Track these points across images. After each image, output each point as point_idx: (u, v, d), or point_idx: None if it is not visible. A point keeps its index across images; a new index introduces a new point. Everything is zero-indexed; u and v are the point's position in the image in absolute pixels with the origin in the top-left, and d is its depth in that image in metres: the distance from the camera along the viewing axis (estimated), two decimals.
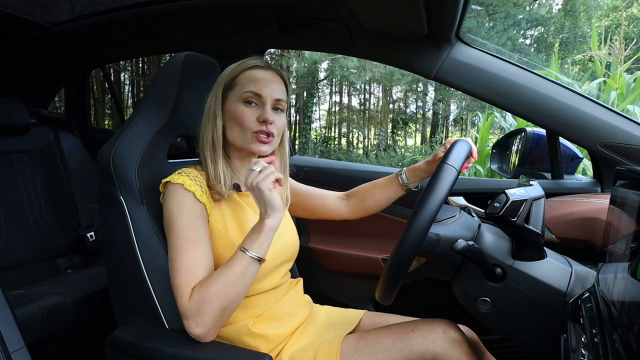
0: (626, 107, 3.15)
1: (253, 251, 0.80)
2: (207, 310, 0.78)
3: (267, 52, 2.25)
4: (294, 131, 13.05)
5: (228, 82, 0.93)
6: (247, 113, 0.90)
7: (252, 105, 0.91)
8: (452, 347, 0.87)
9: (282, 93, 0.94)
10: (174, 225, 0.85)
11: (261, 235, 0.81)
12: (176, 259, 0.82)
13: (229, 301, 0.79)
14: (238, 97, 0.91)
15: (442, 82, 1.30)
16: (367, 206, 1.14)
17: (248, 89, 0.90)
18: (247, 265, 0.80)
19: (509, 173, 1.54)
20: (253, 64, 0.92)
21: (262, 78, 0.91)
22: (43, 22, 1.71)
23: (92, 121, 3.37)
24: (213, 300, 0.78)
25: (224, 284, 0.78)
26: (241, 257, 0.80)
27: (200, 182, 0.89)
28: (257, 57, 0.96)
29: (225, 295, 0.78)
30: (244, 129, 0.90)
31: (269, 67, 0.94)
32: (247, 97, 0.90)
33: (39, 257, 1.70)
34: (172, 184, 0.87)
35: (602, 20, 11.43)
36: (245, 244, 0.82)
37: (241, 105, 0.90)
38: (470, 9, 1.33)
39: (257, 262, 0.81)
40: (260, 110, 0.91)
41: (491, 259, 0.85)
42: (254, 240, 0.81)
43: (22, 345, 0.77)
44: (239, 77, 0.92)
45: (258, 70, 0.92)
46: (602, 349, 0.56)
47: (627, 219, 0.60)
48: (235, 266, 0.80)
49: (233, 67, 0.94)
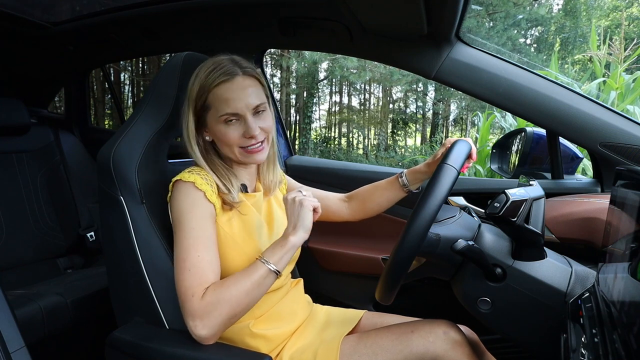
0: (626, 107, 3.16)
1: (273, 264, 0.81)
2: (217, 314, 0.77)
3: (267, 52, 2.25)
4: (294, 131, 13.05)
5: (200, 104, 0.88)
6: (231, 133, 0.87)
7: (233, 122, 0.87)
8: (453, 348, 0.87)
9: (258, 95, 0.89)
10: (183, 224, 0.84)
11: (283, 250, 0.82)
12: (186, 258, 0.81)
13: (240, 309, 0.79)
14: (216, 119, 0.87)
15: (442, 82, 1.30)
16: (368, 208, 1.14)
17: (223, 112, 0.85)
18: (264, 277, 0.81)
19: (509, 173, 1.54)
20: (218, 82, 0.85)
21: (232, 94, 0.85)
22: (43, 22, 1.71)
23: (92, 121, 3.37)
24: (224, 306, 0.77)
25: (240, 290, 0.78)
26: (260, 267, 0.81)
27: (210, 182, 0.88)
28: (223, 58, 0.89)
29: (239, 302, 0.78)
30: (233, 147, 0.89)
31: (234, 73, 0.86)
32: (225, 119, 0.86)
33: (39, 257, 1.70)
34: (183, 182, 0.86)
35: (602, 20, 11.44)
36: (266, 255, 0.82)
37: (223, 127, 0.87)
38: (470, 9, 1.33)
39: (273, 275, 0.82)
40: (243, 125, 0.87)
41: (491, 259, 0.85)
42: (275, 254, 0.82)
43: (22, 345, 0.77)
44: (209, 98, 0.87)
45: (224, 85, 0.85)
46: (602, 349, 0.56)
47: (627, 219, 0.60)
48: (253, 275, 0.80)
49: (198, 86, 0.87)
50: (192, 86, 0.88)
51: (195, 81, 0.88)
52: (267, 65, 11.49)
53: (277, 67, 11.63)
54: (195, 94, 0.88)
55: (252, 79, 0.89)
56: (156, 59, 9.26)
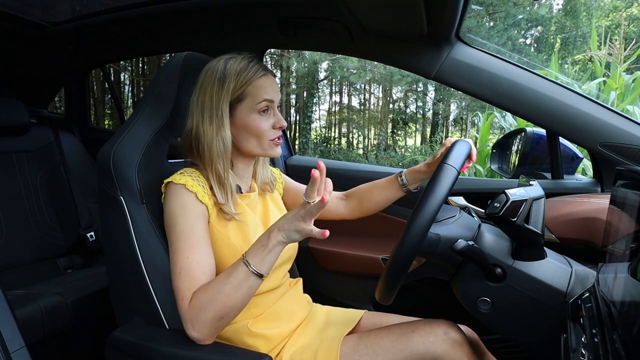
0: (625, 107, 3.16)
1: (254, 265, 0.77)
2: (203, 317, 0.77)
3: (267, 52, 2.25)
4: (294, 131, 13.05)
5: (236, 95, 0.89)
6: (264, 123, 0.90)
7: (267, 113, 0.91)
8: (453, 348, 0.87)
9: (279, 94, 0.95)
10: (174, 226, 0.84)
11: (266, 250, 0.77)
12: (177, 261, 0.82)
13: (225, 311, 0.77)
14: (251, 108, 0.89)
15: (442, 82, 1.30)
16: (366, 206, 1.14)
17: (262, 99, 0.89)
18: (244, 279, 0.77)
19: (509, 173, 1.54)
20: (260, 74, 0.90)
21: (269, 86, 0.91)
22: (43, 22, 1.71)
23: (92, 121, 3.37)
24: (207, 309, 0.77)
25: (218, 294, 0.77)
26: (240, 268, 0.78)
27: (202, 183, 0.88)
28: (249, 56, 0.92)
29: (221, 305, 0.76)
30: (262, 138, 0.91)
31: (267, 69, 0.93)
32: (263, 107, 0.90)
33: (39, 257, 1.70)
34: (174, 184, 0.86)
35: (603, 20, 11.44)
36: (248, 255, 0.79)
37: (257, 116, 0.90)
38: (470, 9, 1.33)
39: (256, 277, 0.77)
40: (272, 117, 0.92)
41: (491, 259, 0.85)
42: (257, 255, 0.78)
43: (22, 345, 0.77)
44: (248, 88, 0.89)
45: (264, 78, 0.90)
46: (602, 349, 0.56)
47: (627, 219, 0.60)
48: (232, 277, 0.77)
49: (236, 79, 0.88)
50: (227, 83, 0.87)
51: (229, 76, 0.87)
52: (267, 65, 11.47)
53: (277, 67, 11.63)
54: (233, 87, 0.87)
55: (275, 79, 0.95)
56: (156, 59, 9.26)
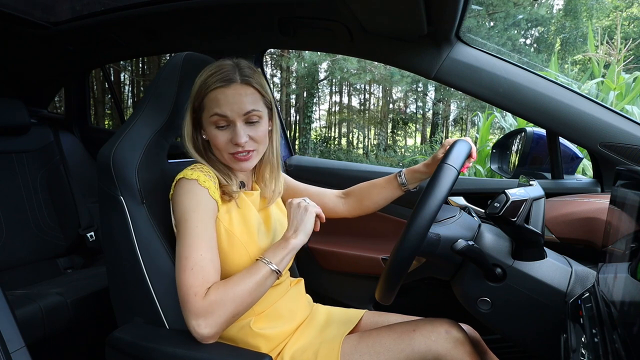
0: (624, 107, 3.15)
1: (275, 264, 0.83)
2: (220, 313, 0.78)
3: (267, 52, 2.25)
4: (294, 131, 13.05)
5: (197, 104, 0.90)
6: (220, 137, 0.88)
7: (224, 127, 0.88)
8: (455, 347, 0.87)
9: (253, 102, 0.88)
10: (187, 222, 0.84)
11: (284, 251, 0.85)
12: (188, 257, 0.81)
13: (242, 308, 0.80)
14: (208, 121, 0.89)
15: (442, 82, 1.30)
16: (365, 205, 1.14)
17: (213, 112, 0.87)
18: (266, 277, 0.83)
19: (509, 173, 1.54)
20: (215, 86, 0.86)
21: (225, 99, 0.86)
22: (43, 22, 1.71)
23: (92, 121, 3.37)
24: (228, 305, 0.78)
25: (244, 290, 0.80)
26: (263, 267, 0.83)
27: (212, 177, 0.89)
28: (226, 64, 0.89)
29: (242, 301, 0.80)
30: (222, 151, 0.90)
31: (232, 80, 0.86)
32: (215, 120, 0.87)
33: (39, 257, 1.70)
34: (187, 180, 0.87)
35: (603, 21, 11.44)
36: (268, 256, 0.84)
37: (213, 129, 0.88)
38: (470, 9, 1.33)
39: (275, 275, 0.84)
40: (232, 131, 0.88)
41: (491, 259, 0.85)
42: (277, 255, 0.84)
43: (22, 345, 0.77)
44: (205, 99, 0.88)
45: (220, 90, 0.86)
46: (602, 349, 0.56)
47: (627, 219, 0.60)
48: (256, 275, 0.82)
49: (198, 86, 0.89)
50: (194, 86, 0.91)
51: (197, 81, 0.90)
52: (267, 65, 11.49)
53: (277, 67, 11.63)
54: (195, 93, 0.90)
55: (251, 88, 0.88)
56: (156, 59, 9.26)
